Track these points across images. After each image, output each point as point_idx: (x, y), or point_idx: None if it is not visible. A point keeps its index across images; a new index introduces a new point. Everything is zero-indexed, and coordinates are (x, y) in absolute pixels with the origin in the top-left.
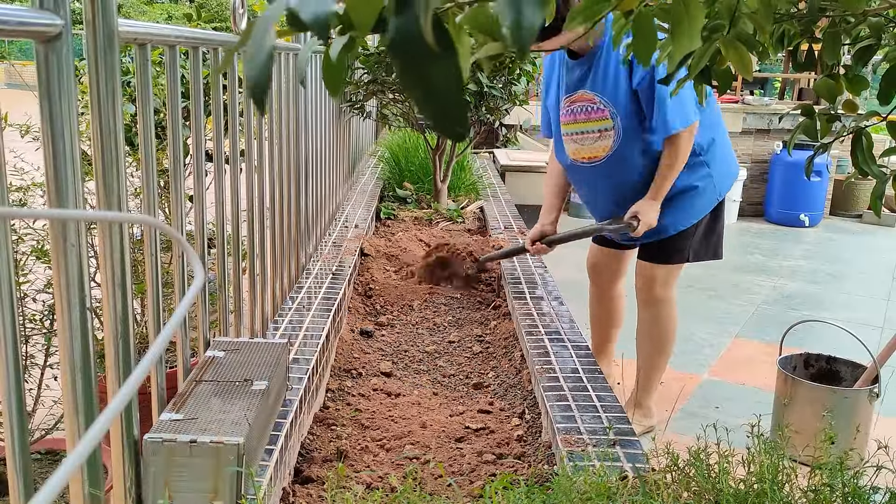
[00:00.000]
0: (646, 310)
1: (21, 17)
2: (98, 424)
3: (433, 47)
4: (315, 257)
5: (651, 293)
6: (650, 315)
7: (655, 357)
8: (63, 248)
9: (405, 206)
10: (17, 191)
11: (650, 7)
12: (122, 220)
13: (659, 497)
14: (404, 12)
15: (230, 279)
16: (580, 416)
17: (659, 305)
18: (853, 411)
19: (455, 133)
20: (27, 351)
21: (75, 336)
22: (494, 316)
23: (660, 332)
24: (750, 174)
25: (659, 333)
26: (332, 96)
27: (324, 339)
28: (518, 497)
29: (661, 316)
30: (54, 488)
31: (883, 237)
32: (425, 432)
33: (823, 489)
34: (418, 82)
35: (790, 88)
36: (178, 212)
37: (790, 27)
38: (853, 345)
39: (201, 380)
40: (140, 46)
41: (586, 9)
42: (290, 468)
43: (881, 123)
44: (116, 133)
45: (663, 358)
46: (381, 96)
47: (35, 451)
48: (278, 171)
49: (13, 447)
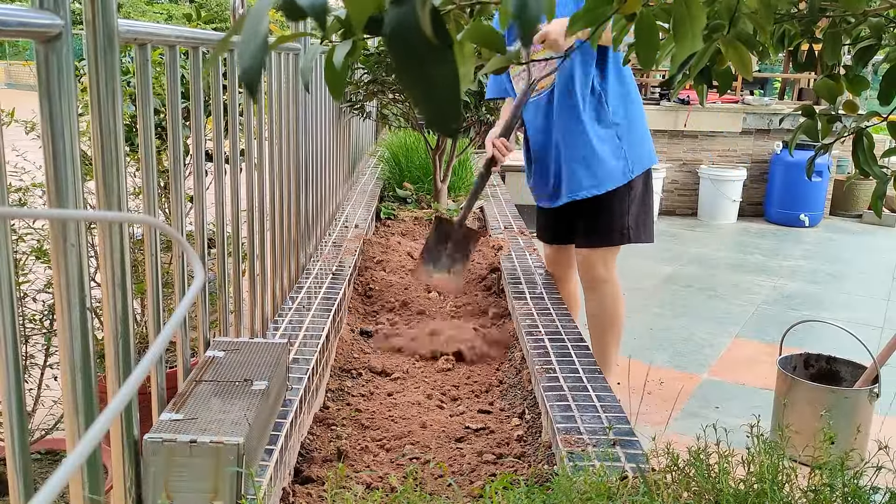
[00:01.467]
0: (590, 293)
1: (21, 17)
2: (98, 424)
3: (431, 39)
4: (315, 257)
5: (592, 276)
6: (594, 298)
7: (605, 336)
8: (63, 248)
9: (405, 206)
10: (17, 191)
11: (651, 8)
12: (122, 220)
13: (659, 497)
14: (402, 4)
15: (230, 279)
16: (580, 416)
17: (602, 287)
18: (853, 411)
19: (450, 129)
20: (27, 351)
21: (75, 336)
22: (496, 316)
23: (605, 313)
24: (750, 174)
25: (605, 314)
26: (334, 98)
27: (324, 339)
28: (518, 497)
29: (606, 297)
30: (54, 488)
31: (883, 237)
32: (425, 432)
33: (823, 489)
34: (415, 75)
35: (790, 88)
36: (178, 212)
37: (790, 27)
38: (853, 345)
39: (201, 380)
40: (140, 46)
41: (588, 12)
42: (290, 468)
43: (881, 123)
44: (116, 133)
45: (613, 337)
46: (381, 96)
47: (35, 451)
48: (278, 171)
49: (13, 447)
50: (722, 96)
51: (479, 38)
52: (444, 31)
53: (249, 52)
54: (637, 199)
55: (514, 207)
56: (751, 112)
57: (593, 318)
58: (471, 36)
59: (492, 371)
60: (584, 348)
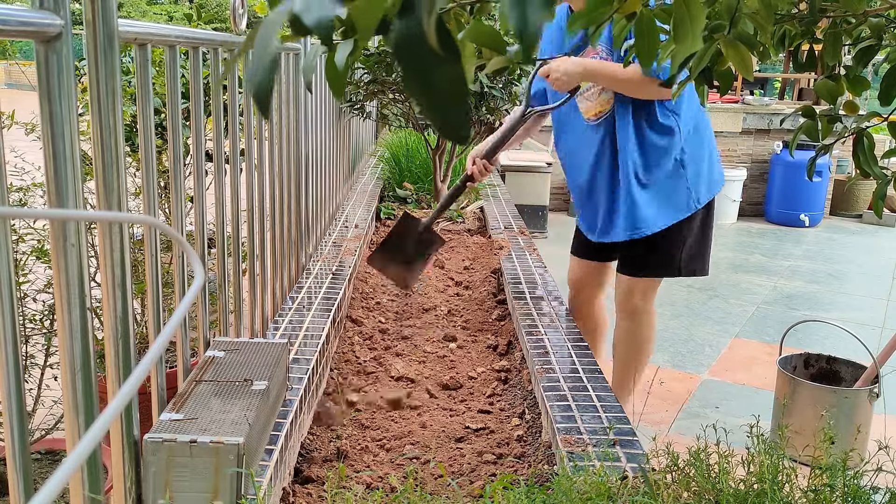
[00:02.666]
0: (624, 320)
1: (21, 17)
2: (98, 424)
3: (437, 50)
4: (315, 257)
5: (630, 305)
6: (628, 325)
7: (632, 362)
8: (63, 248)
9: (405, 206)
10: (17, 191)
11: (651, 8)
12: (122, 220)
13: (659, 497)
14: (408, 15)
15: (230, 279)
16: (580, 416)
17: (639, 317)
18: (853, 411)
19: (459, 136)
20: (27, 351)
21: (75, 336)
22: (500, 316)
23: (636, 343)
24: (750, 174)
25: (635, 343)
26: (335, 98)
27: (324, 339)
28: (518, 497)
29: (641, 327)
30: (54, 488)
31: (883, 237)
32: (425, 432)
33: (823, 489)
34: (423, 86)
35: (790, 88)
36: (178, 212)
37: (791, 27)
38: (853, 345)
39: (201, 380)
40: (140, 46)
41: (589, 12)
42: (290, 468)
43: (882, 124)
44: (116, 133)
45: (642, 361)
46: (382, 96)
47: (35, 451)
48: (278, 171)
49: (13, 447)
50: (722, 96)
51: (480, 39)
52: (450, 42)
53: (260, 69)
54: (696, 231)
55: (514, 207)
56: (751, 112)
57: (622, 344)
58: (471, 36)
59: (493, 372)
60: (584, 348)
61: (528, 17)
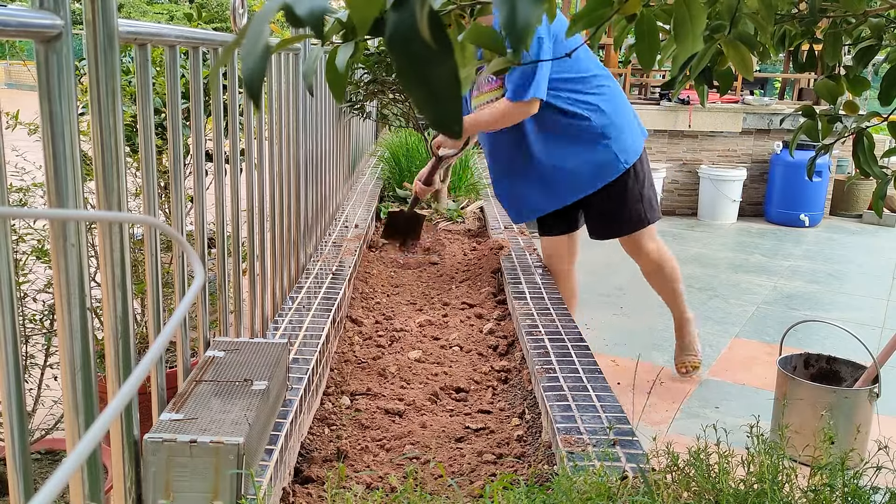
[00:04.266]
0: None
1: (21, 17)
2: (98, 424)
3: (430, 43)
4: (315, 257)
5: (640, 254)
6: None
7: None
8: (63, 248)
9: (405, 206)
10: (17, 191)
11: (651, 8)
12: (122, 220)
13: (659, 497)
14: (402, 8)
15: (230, 279)
16: (580, 416)
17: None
18: (853, 411)
19: (452, 131)
20: (27, 351)
21: (75, 336)
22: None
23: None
24: (750, 174)
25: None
26: (336, 100)
27: (324, 339)
28: (518, 497)
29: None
30: (54, 488)
31: (883, 237)
32: (425, 432)
33: (823, 489)
34: (416, 79)
35: (790, 88)
36: (178, 212)
37: (791, 28)
38: (853, 345)
39: (201, 380)
40: (140, 46)
41: (589, 13)
42: (290, 468)
43: (881, 124)
44: (116, 133)
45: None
46: (381, 96)
47: (35, 451)
48: (278, 171)
49: (13, 447)
50: (722, 97)
51: (480, 40)
52: (443, 35)
53: (252, 58)
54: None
55: None
56: (751, 112)
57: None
58: (471, 37)
59: (493, 373)
60: (584, 348)
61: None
